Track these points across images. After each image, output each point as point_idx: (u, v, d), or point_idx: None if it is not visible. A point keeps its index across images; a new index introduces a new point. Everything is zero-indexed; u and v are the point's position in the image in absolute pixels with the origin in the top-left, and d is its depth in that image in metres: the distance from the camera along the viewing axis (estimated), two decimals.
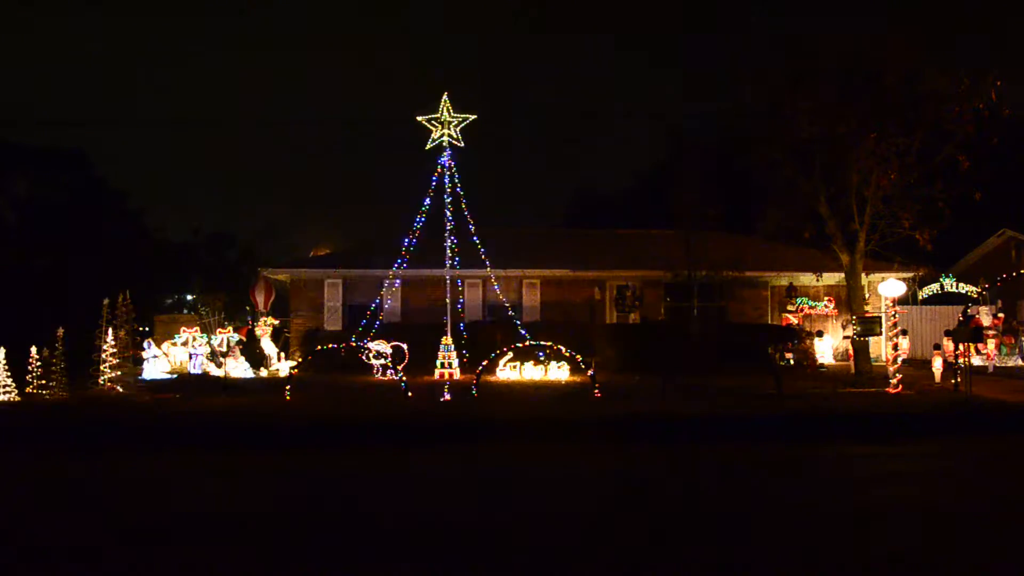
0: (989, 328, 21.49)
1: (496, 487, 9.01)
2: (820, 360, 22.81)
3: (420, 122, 20.16)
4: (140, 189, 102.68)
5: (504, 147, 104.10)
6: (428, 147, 20.34)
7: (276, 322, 24.52)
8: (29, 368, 15.50)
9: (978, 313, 22.54)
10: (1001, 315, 23.59)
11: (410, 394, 14.81)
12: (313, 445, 11.59)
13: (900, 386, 15.73)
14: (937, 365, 18.13)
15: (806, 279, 25.57)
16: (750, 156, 19.37)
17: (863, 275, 20.65)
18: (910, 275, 25.26)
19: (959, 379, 15.59)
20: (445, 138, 20.14)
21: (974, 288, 25.64)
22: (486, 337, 22.44)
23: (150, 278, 40.43)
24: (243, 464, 10.39)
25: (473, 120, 20.21)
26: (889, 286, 18.27)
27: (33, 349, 15.54)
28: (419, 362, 21.54)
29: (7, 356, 15.38)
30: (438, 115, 20.04)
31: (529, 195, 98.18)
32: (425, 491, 8.80)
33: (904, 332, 19.86)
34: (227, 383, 17.90)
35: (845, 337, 22.20)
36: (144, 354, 19.58)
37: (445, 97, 20.04)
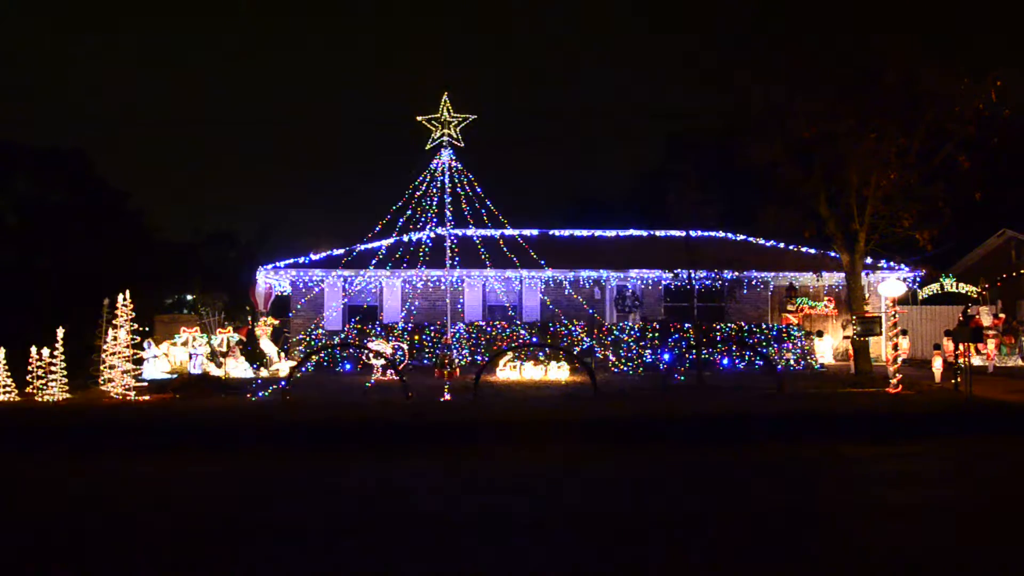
0: (989, 328, 21.50)
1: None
2: (820, 360, 22.81)
3: (420, 122, 20.15)
4: (140, 189, 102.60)
5: (504, 147, 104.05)
6: (428, 147, 20.33)
7: (276, 322, 24.50)
8: (29, 368, 15.50)
9: (978, 313, 22.56)
10: (1002, 315, 23.59)
11: (410, 394, 14.81)
12: (312, 446, 11.59)
13: (900, 386, 15.72)
14: (937, 365, 18.13)
15: (806, 279, 25.58)
16: (750, 156, 19.37)
17: (863, 275, 20.65)
18: (910, 275, 25.31)
19: (959, 379, 15.58)
20: (445, 138, 20.13)
21: (974, 288, 25.67)
22: (486, 337, 22.47)
23: (150, 278, 40.38)
24: (240, 465, 10.39)
25: (473, 120, 20.20)
26: (889, 286, 18.26)
27: (33, 349, 15.53)
28: (419, 362, 21.57)
29: (7, 356, 15.38)
30: (438, 115, 20.03)
31: (529, 195, 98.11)
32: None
33: (904, 332, 19.86)
34: (227, 383, 17.90)
35: (845, 337, 22.21)
36: (144, 354, 19.55)
37: (445, 97, 20.02)
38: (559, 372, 19.30)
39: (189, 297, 48.07)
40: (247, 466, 10.26)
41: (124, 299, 15.96)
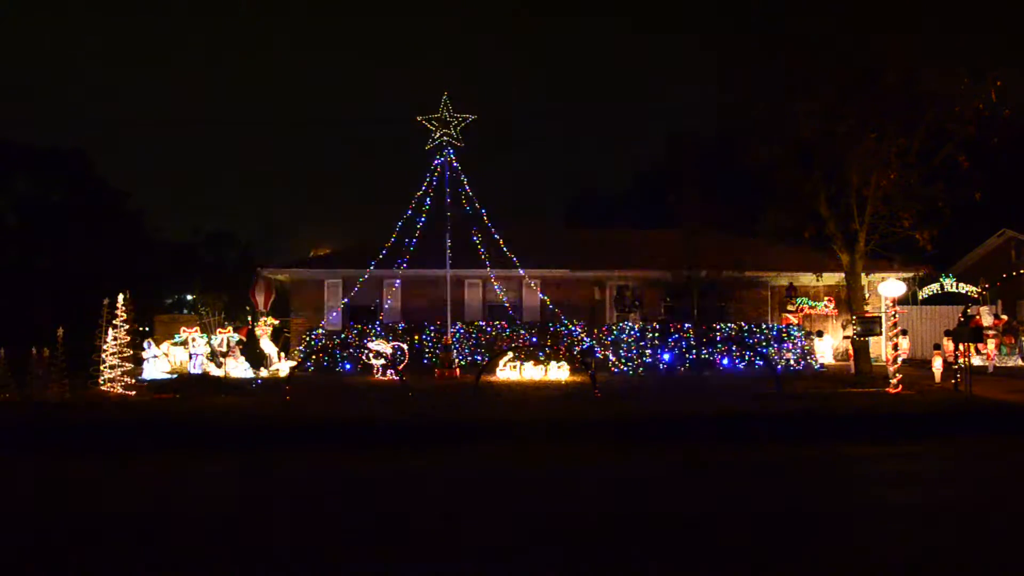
0: (989, 328, 21.50)
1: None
2: (820, 360, 22.81)
3: (420, 122, 20.15)
4: (140, 189, 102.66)
5: (504, 147, 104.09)
6: (428, 147, 20.35)
7: (276, 322, 24.50)
8: (29, 368, 15.48)
9: (978, 313, 22.55)
10: (1003, 316, 23.59)
11: (410, 394, 14.81)
12: (312, 445, 11.58)
13: (900, 386, 15.72)
14: (937, 365, 18.12)
15: (806, 279, 25.59)
16: (750, 156, 19.37)
17: (863, 275, 20.65)
18: (910, 275, 25.30)
19: (959, 379, 15.58)
20: (445, 138, 20.13)
21: (974, 288, 25.65)
22: (486, 337, 22.48)
23: (150, 278, 40.42)
24: (240, 465, 10.39)
25: (473, 120, 20.21)
26: (889, 286, 18.26)
27: (33, 349, 15.52)
28: (419, 362, 21.57)
29: (7, 356, 15.37)
30: (438, 115, 20.04)
31: (529, 195, 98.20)
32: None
33: (904, 332, 19.85)
34: (227, 383, 17.90)
35: (845, 337, 22.21)
36: (144, 354, 19.57)
37: (445, 97, 20.04)
38: (559, 372, 19.29)
39: (189, 297, 48.13)
40: (247, 466, 10.26)
41: (124, 299, 15.96)
